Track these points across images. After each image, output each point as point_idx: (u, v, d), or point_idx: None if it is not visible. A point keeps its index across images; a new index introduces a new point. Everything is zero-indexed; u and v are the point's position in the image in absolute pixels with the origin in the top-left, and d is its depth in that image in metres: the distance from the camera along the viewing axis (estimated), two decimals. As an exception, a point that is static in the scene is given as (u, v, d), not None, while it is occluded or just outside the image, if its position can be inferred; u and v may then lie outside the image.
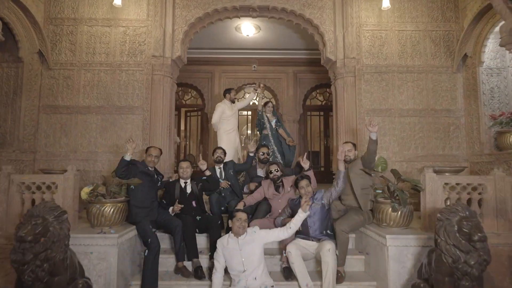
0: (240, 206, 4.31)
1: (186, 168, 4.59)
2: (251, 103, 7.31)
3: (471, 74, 5.42)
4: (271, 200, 4.61)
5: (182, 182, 4.62)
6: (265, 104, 6.21)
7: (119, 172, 4.02)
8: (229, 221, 3.72)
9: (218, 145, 6.29)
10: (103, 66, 5.58)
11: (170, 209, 4.38)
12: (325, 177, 9.50)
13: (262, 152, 5.10)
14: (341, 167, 4.02)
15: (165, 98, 5.57)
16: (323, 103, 9.79)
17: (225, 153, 5.17)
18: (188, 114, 9.73)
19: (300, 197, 4.09)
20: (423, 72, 5.62)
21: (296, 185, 4.15)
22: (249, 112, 9.84)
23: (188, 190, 4.60)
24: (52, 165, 5.32)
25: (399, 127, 5.52)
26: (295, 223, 3.68)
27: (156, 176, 4.42)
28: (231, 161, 5.20)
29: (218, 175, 5.04)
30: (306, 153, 4.73)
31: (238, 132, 6.54)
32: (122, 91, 5.54)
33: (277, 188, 4.57)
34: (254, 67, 9.35)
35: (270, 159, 5.98)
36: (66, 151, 5.43)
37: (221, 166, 5.06)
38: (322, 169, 9.60)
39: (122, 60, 5.59)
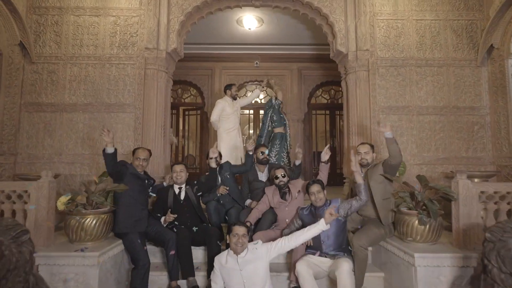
0: (251, 219, 3.88)
1: (180, 172, 4.05)
2: (253, 102, 6.78)
3: (498, 68, 4.85)
4: (277, 209, 4.06)
5: (176, 188, 4.08)
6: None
7: (110, 169, 3.50)
8: (227, 236, 3.18)
9: (218, 145, 5.78)
10: (91, 59, 5.03)
11: (162, 219, 3.84)
12: (332, 179, 8.94)
13: (261, 152, 4.50)
14: (359, 179, 3.45)
15: (159, 94, 5.02)
16: (329, 102, 9.23)
17: (220, 156, 4.64)
18: (187, 113, 9.18)
19: (312, 205, 3.54)
20: (443, 65, 5.05)
21: (306, 190, 3.61)
22: (251, 111, 9.29)
23: (182, 196, 4.06)
24: (35, 169, 4.78)
25: (417, 126, 4.96)
26: (308, 234, 3.12)
27: (147, 181, 3.88)
28: (227, 162, 4.64)
29: (219, 180, 4.51)
30: (328, 145, 4.22)
31: (240, 131, 6.00)
32: (112, 87, 4.99)
33: (283, 195, 4.02)
34: (257, 63, 8.79)
35: (273, 160, 5.45)
36: (50, 153, 4.88)
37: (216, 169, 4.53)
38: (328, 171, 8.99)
39: (112, 53, 5.04)
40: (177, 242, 3.61)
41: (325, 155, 4.08)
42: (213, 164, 4.08)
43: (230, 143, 5.65)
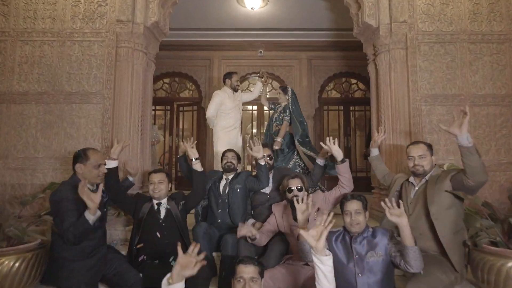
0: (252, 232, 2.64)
1: (158, 184, 2.86)
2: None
3: None
4: (288, 235, 2.86)
5: (154, 202, 2.90)
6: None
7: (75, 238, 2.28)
8: (232, 282, 1.97)
9: (215, 147, 4.58)
10: (47, 35, 3.82)
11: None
12: (346, 184, 7.72)
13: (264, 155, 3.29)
14: (409, 240, 2.04)
15: (135, 80, 3.80)
16: (343, 96, 7.98)
17: (238, 158, 3.47)
18: (181, 109, 7.97)
19: (346, 230, 2.34)
20: (505, 41, 3.79)
21: (340, 206, 2.41)
22: (255, 107, 8.07)
23: (162, 214, 2.87)
24: (-27, 177, 3.62)
25: (472, 120, 3.68)
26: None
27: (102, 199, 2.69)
28: (245, 172, 3.46)
29: (221, 189, 3.30)
30: (331, 138, 3.02)
31: (241, 131, 4.78)
32: (74, 70, 3.78)
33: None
34: (261, 52, 7.57)
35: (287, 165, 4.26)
36: (-7, 157, 3.70)
37: (230, 176, 3.35)
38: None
39: (75, 27, 3.83)
40: (144, 288, 2.42)
41: (335, 150, 2.95)
42: (193, 156, 3.01)
43: (228, 145, 4.45)
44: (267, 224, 2.92)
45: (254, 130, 8.63)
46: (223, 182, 3.30)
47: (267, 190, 3.30)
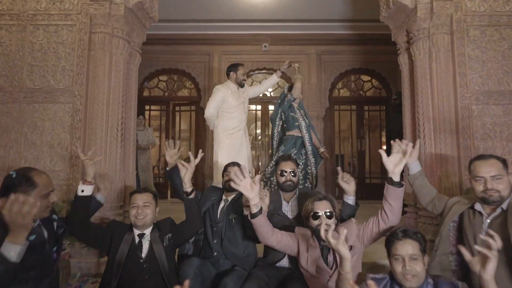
0: None
1: (143, 207, 2.09)
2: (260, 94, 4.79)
3: None
4: (311, 278, 2.07)
5: (135, 233, 2.13)
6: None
7: None
8: None
9: (215, 153, 3.80)
10: (4, 18, 3.02)
11: None
12: (359, 191, 6.91)
13: (284, 171, 2.48)
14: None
15: (114, 74, 3.02)
16: (356, 94, 7.18)
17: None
18: (178, 108, 7.18)
19: (394, 281, 1.59)
20: None
21: (386, 245, 1.66)
22: (258, 106, 7.28)
23: (145, 251, 2.09)
24: None
25: (536, 123, 2.92)
26: None
27: (50, 235, 1.91)
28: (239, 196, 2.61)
29: (218, 214, 2.51)
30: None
31: (247, 133, 3.98)
32: (38, 62, 3.00)
33: (325, 257, 2.04)
34: (265, 46, 6.76)
35: (305, 185, 3.50)
36: None
37: (231, 197, 2.54)
38: (356, 180, 6.96)
39: (39, 8, 3.04)
40: None
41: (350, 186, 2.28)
42: (188, 187, 2.15)
43: (232, 151, 3.68)
44: (287, 235, 2.15)
45: (258, 131, 7.84)
46: (221, 205, 2.51)
47: (289, 213, 2.50)
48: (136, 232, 2.13)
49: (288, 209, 2.52)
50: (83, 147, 2.82)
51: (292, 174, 2.47)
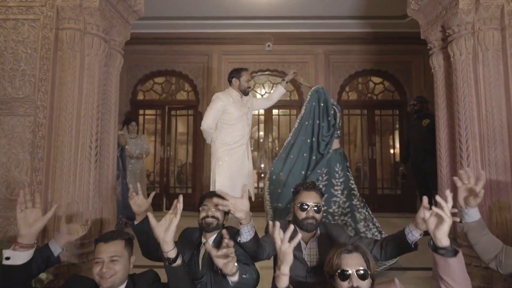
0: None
1: (110, 263, 1.50)
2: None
3: None
4: None
5: None
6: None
7: None
8: None
9: (212, 171, 3.22)
10: (-48, 12, 2.50)
11: None
12: (370, 203, 6.35)
13: (306, 204, 1.85)
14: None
15: (87, 79, 2.43)
16: (367, 98, 6.58)
17: (224, 213, 1.92)
18: (174, 112, 6.59)
19: None
20: None
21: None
22: (261, 111, 6.66)
23: None
24: None
25: None
26: None
27: None
28: (231, 229, 1.89)
29: (200, 263, 1.89)
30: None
31: (249, 149, 3.35)
32: (-8, 65, 2.45)
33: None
34: (269, 45, 6.17)
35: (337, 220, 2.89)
36: None
37: (212, 239, 1.92)
38: (366, 191, 6.40)
39: (-6, -1, 2.50)
40: None
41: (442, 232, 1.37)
42: (169, 250, 1.46)
43: (232, 170, 3.10)
44: None
45: (261, 133, 7.24)
46: (201, 252, 1.91)
47: (308, 259, 1.90)
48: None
49: (307, 252, 1.93)
50: (44, 172, 2.24)
51: (316, 209, 1.86)
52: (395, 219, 5.55)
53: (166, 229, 1.45)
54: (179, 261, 1.47)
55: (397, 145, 6.59)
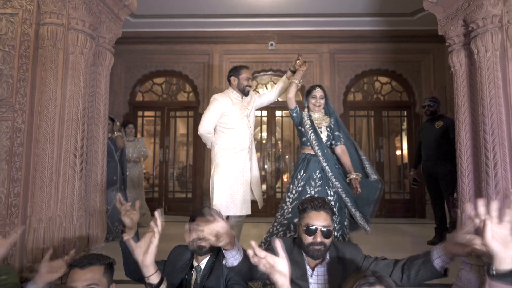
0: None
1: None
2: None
3: None
4: None
5: None
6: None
7: None
8: None
9: (211, 176, 2.97)
10: None
11: None
12: (378, 208, 6.06)
13: (313, 227, 1.55)
14: None
15: (72, 80, 2.18)
16: (374, 98, 6.29)
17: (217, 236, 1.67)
18: (173, 114, 6.34)
19: None
20: None
21: None
22: (264, 112, 6.40)
23: None
24: None
25: None
26: None
27: None
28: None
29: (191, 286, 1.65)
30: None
31: (254, 151, 3.05)
32: (-34, 64, 2.21)
33: None
34: (272, 44, 5.91)
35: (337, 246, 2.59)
36: None
37: (203, 263, 1.68)
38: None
39: (-32, -9, 2.26)
40: None
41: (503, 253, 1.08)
42: (150, 274, 1.28)
43: (231, 177, 2.84)
44: None
45: (264, 134, 6.98)
46: (193, 276, 1.66)
47: (312, 285, 1.63)
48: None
49: (313, 281, 1.66)
50: (22, 184, 1.99)
51: (325, 233, 1.57)
52: (404, 225, 5.27)
53: (145, 252, 1.27)
54: (163, 287, 1.28)
55: (405, 147, 6.30)
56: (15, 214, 2.04)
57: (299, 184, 2.73)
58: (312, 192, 2.68)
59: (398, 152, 6.59)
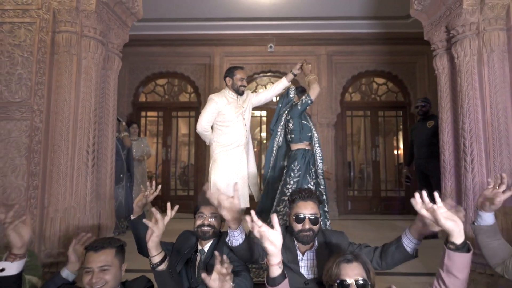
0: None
1: (100, 272, 1.46)
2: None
3: None
4: None
5: None
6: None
7: None
8: None
9: (209, 173, 3.17)
10: (-52, 15, 2.47)
11: None
12: (374, 205, 6.29)
13: (302, 215, 1.75)
14: None
15: (84, 82, 2.41)
16: (370, 99, 6.50)
17: (221, 217, 1.82)
18: (175, 114, 6.56)
19: None
20: None
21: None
22: (263, 112, 6.63)
23: None
24: None
25: None
26: None
27: None
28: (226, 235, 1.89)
29: (196, 270, 1.85)
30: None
31: (251, 150, 3.28)
32: (-12, 69, 2.43)
33: None
34: (271, 46, 6.12)
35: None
36: None
37: (207, 247, 1.90)
38: (370, 193, 6.32)
39: (-10, 2, 2.48)
40: None
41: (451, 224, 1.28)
42: (154, 256, 1.53)
43: (229, 171, 3.04)
44: None
45: (263, 134, 7.21)
46: (198, 258, 1.87)
47: (306, 272, 1.81)
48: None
49: (303, 264, 1.86)
50: (40, 177, 2.21)
51: (313, 220, 1.76)
52: (399, 221, 5.46)
53: (150, 237, 1.50)
54: (163, 266, 1.51)
55: (401, 146, 6.50)
56: (34, 205, 2.25)
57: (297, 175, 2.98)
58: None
59: (397, 152, 6.78)
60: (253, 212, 1.35)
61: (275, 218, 1.34)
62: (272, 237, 1.32)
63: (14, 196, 2.27)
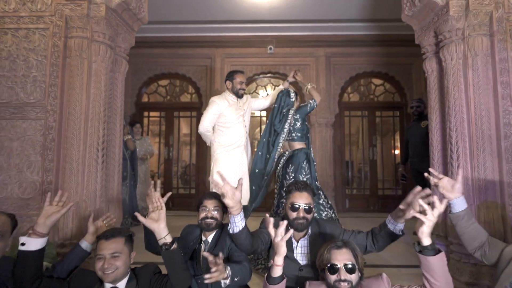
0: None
1: (111, 259, 1.63)
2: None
3: None
4: None
5: (107, 287, 1.64)
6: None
7: None
8: None
9: (211, 171, 3.35)
10: (-32, 21, 2.65)
11: None
12: (371, 203, 6.45)
13: (297, 204, 1.94)
14: None
15: (94, 84, 2.59)
16: (367, 99, 6.68)
17: (223, 210, 2.06)
18: (176, 114, 6.74)
19: None
20: None
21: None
22: (263, 113, 6.81)
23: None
24: None
25: None
26: None
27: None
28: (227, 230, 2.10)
29: (201, 261, 2.02)
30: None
31: (249, 150, 3.47)
32: (5, 72, 2.55)
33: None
34: (271, 48, 6.29)
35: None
36: None
37: (210, 237, 2.06)
38: (367, 191, 6.49)
39: (7, 9, 2.61)
40: None
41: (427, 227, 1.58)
42: (163, 237, 1.71)
43: (229, 171, 3.21)
44: None
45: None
46: (202, 247, 2.04)
47: (301, 259, 1.99)
48: (108, 286, 1.68)
49: (298, 251, 2.04)
50: (54, 172, 2.39)
51: (307, 210, 1.94)
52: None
53: (157, 220, 1.68)
54: (175, 245, 1.66)
55: (399, 145, 6.67)
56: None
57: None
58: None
59: (394, 151, 6.95)
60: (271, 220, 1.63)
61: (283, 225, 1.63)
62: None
63: (29, 190, 2.45)
